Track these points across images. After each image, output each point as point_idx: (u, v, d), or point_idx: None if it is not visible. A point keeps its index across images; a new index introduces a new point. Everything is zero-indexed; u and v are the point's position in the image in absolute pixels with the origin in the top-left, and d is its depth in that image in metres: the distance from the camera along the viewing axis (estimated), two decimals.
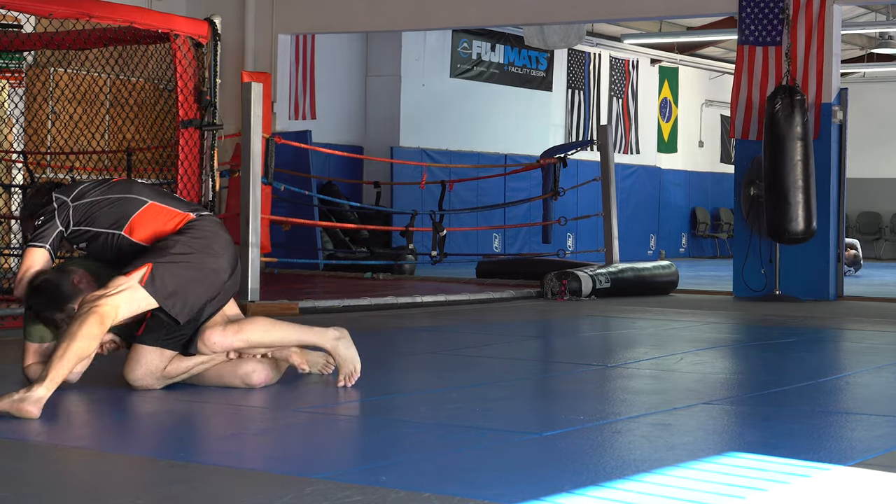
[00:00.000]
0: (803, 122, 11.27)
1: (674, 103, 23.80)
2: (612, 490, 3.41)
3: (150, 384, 5.01)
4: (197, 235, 5.00)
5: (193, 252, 4.94)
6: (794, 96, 11.31)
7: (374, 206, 15.45)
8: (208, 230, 5.06)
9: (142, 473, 3.60)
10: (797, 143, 11.25)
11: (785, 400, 5.27)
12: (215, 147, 8.34)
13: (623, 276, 11.94)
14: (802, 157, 11.26)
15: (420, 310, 9.91)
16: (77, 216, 5.01)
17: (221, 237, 5.10)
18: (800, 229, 11.28)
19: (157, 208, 5.05)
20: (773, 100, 11.35)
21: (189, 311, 4.92)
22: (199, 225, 5.05)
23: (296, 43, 16.13)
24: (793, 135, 11.25)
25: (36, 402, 4.39)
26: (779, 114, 11.28)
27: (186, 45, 8.16)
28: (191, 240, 4.97)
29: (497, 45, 19.90)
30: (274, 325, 5.22)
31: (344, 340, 5.34)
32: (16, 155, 11.24)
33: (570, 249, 20.05)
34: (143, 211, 5.03)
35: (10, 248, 11.06)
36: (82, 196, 5.05)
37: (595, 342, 8.07)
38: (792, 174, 11.25)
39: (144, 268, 4.82)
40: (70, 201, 5.03)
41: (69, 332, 4.61)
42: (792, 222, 11.26)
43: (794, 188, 11.24)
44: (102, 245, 5.03)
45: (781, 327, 9.02)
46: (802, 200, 11.25)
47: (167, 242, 4.94)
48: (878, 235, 25.38)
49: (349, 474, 3.57)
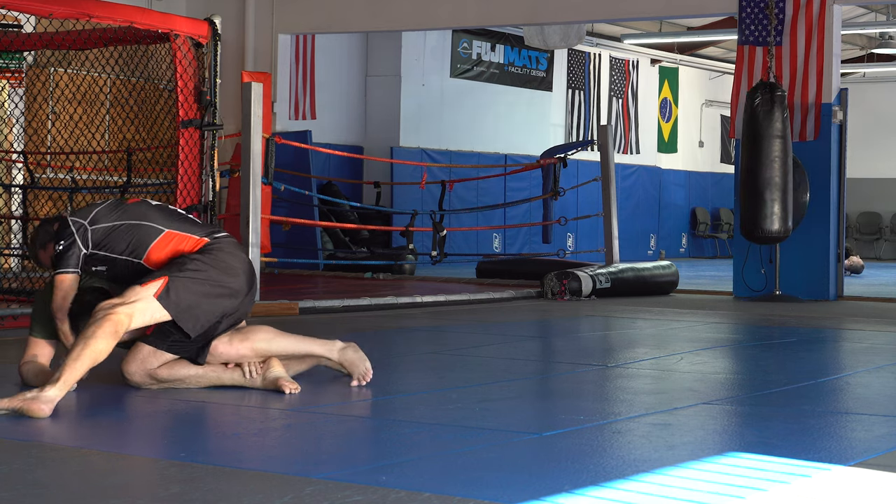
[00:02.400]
0: (783, 119, 11.13)
1: (674, 103, 23.80)
2: (612, 490, 3.41)
3: (141, 381, 5.02)
4: (214, 255, 5.07)
5: (210, 269, 5.01)
6: (775, 92, 11.19)
7: (374, 206, 15.45)
8: (226, 250, 5.13)
9: (142, 473, 3.60)
10: (775, 140, 11.07)
11: (785, 400, 5.27)
12: (215, 147, 8.34)
13: (623, 276, 11.94)
14: (780, 154, 11.05)
15: (420, 310, 9.91)
16: (95, 239, 5.05)
17: (238, 257, 5.17)
18: (774, 228, 11.07)
19: (172, 236, 5.10)
20: (753, 95, 11.21)
21: (201, 327, 4.99)
22: (217, 246, 5.12)
23: (296, 43, 16.13)
24: (771, 131, 11.05)
25: (48, 402, 4.42)
26: (758, 109, 11.14)
27: (186, 45, 8.16)
28: (208, 258, 5.04)
29: (497, 45, 19.90)
30: (279, 335, 5.24)
31: (351, 348, 5.40)
32: (16, 155, 11.24)
33: (570, 249, 20.06)
34: (160, 240, 5.08)
35: (10, 248, 11.07)
36: (98, 220, 5.09)
37: (595, 342, 8.07)
38: (768, 171, 11.03)
39: (161, 280, 4.88)
40: (88, 224, 5.07)
41: (83, 335, 4.65)
42: (766, 220, 11.04)
43: (770, 185, 11.01)
44: (122, 269, 5.11)
45: (781, 327, 9.02)
46: (779, 198, 11.03)
47: (184, 259, 5.01)
48: (877, 235, 25.38)
49: (349, 474, 3.56)
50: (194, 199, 8.21)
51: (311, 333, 7.28)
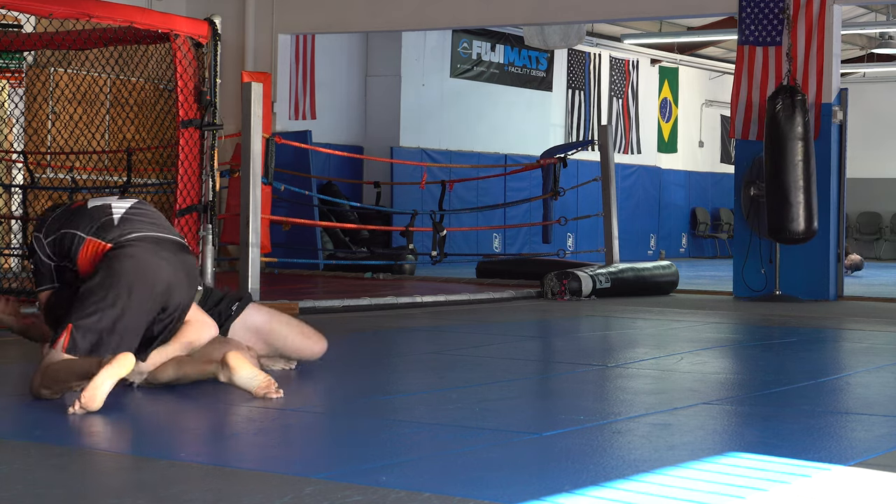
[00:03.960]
0: (804, 123, 11.26)
1: (674, 103, 23.80)
2: (612, 490, 3.41)
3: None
4: (119, 263, 4.89)
5: (113, 285, 4.83)
6: (795, 96, 11.30)
7: (374, 206, 15.45)
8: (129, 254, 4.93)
9: (142, 473, 3.60)
10: (798, 143, 11.24)
11: (785, 400, 5.27)
12: (215, 147, 8.33)
13: (623, 276, 11.94)
14: (803, 157, 11.25)
15: (420, 310, 9.90)
16: (50, 251, 5.07)
17: (143, 260, 4.94)
18: (801, 229, 11.26)
19: (90, 243, 5.01)
20: (774, 100, 11.35)
21: (127, 346, 4.83)
22: (121, 252, 4.94)
23: (296, 43, 16.13)
24: (794, 135, 11.24)
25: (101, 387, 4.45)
26: (780, 114, 11.27)
27: (186, 45, 8.16)
28: (110, 270, 4.87)
29: (497, 45, 19.90)
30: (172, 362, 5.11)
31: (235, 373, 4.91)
32: (16, 155, 11.24)
33: (570, 249, 20.06)
34: (83, 248, 5.02)
35: (10, 249, 11.06)
36: (49, 232, 5.08)
37: (595, 342, 8.07)
38: (793, 174, 11.24)
39: (65, 333, 4.78)
40: (42, 236, 5.09)
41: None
42: (793, 222, 11.24)
43: (794, 188, 11.22)
44: (72, 279, 5.08)
45: (781, 327, 9.02)
46: (804, 200, 11.23)
47: (85, 291, 4.86)
48: (878, 235, 25.38)
49: (349, 474, 3.56)
50: (194, 199, 8.21)
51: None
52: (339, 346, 7.38)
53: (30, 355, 6.28)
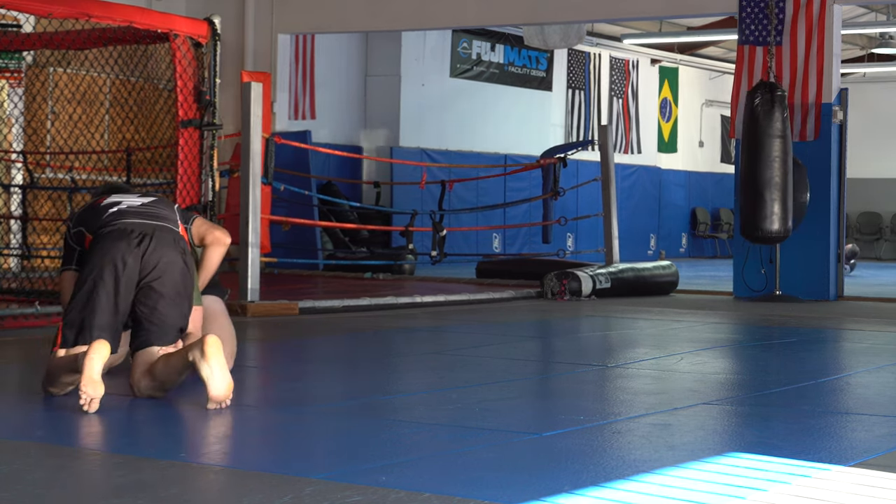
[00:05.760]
0: (783, 119, 11.11)
1: (674, 103, 23.80)
2: (612, 490, 3.41)
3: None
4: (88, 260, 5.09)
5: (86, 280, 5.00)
6: (775, 91, 11.17)
7: (373, 206, 15.44)
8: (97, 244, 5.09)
9: (141, 473, 3.60)
10: (776, 139, 11.05)
11: (785, 400, 5.27)
12: (215, 147, 8.34)
13: (623, 276, 11.94)
14: (781, 154, 11.03)
15: (420, 310, 9.90)
16: (74, 241, 5.27)
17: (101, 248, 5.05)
18: (775, 228, 11.05)
19: (88, 237, 5.20)
20: (753, 95, 11.19)
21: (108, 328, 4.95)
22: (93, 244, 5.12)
23: (296, 43, 16.13)
24: (772, 131, 11.03)
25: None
26: (758, 109, 11.12)
27: (186, 45, 8.16)
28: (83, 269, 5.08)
29: (497, 45, 19.90)
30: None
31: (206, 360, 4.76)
32: (15, 155, 11.24)
33: (570, 249, 20.05)
34: (86, 241, 5.21)
35: (9, 248, 11.07)
36: (76, 223, 5.28)
37: (595, 342, 8.07)
38: (769, 171, 11.00)
39: (58, 333, 5.01)
40: (72, 226, 5.30)
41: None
42: (766, 220, 11.03)
43: (770, 185, 10.99)
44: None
45: (781, 327, 9.02)
46: (779, 198, 11.00)
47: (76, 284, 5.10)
48: (878, 235, 25.37)
49: (349, 474, 3.56)
50: (194, 199, 8.21)
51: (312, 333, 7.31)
52: (339, 346, 7.38)
53: (30, 355, 6.29)
